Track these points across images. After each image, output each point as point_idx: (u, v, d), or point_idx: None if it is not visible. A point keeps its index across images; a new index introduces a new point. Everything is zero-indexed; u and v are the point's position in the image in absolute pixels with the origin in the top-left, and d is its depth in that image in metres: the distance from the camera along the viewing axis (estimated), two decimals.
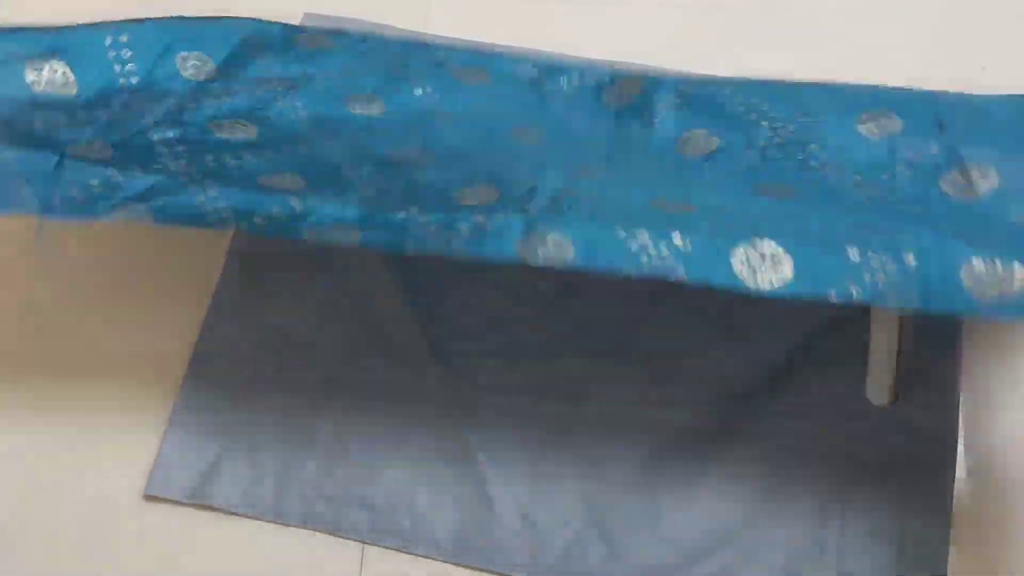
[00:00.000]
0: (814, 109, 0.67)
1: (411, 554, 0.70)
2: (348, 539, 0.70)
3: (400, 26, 0.86)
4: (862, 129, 0.66)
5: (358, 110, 0.69)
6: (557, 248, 0.58)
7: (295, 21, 0.86)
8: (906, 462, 0.70)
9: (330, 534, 0.70)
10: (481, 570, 0.69)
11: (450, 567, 0.69)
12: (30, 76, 0.66)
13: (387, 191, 0.63)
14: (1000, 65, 0.82)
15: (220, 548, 0.70)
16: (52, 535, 0.70)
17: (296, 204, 0.61)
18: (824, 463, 0.70)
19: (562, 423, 0.73)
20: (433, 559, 0.69)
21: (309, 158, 0.66)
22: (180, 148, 0.65)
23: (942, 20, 0.84)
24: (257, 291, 0.78)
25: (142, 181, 0.62)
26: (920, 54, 0.83)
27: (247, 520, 0.70)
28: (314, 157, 0.66)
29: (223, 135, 0.67)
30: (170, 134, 0.66)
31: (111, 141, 0.65)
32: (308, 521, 0.70)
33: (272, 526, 0.70)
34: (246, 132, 0.67)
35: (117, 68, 0.67)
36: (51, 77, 0.66)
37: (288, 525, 0.70)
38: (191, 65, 0.68)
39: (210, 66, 0.68)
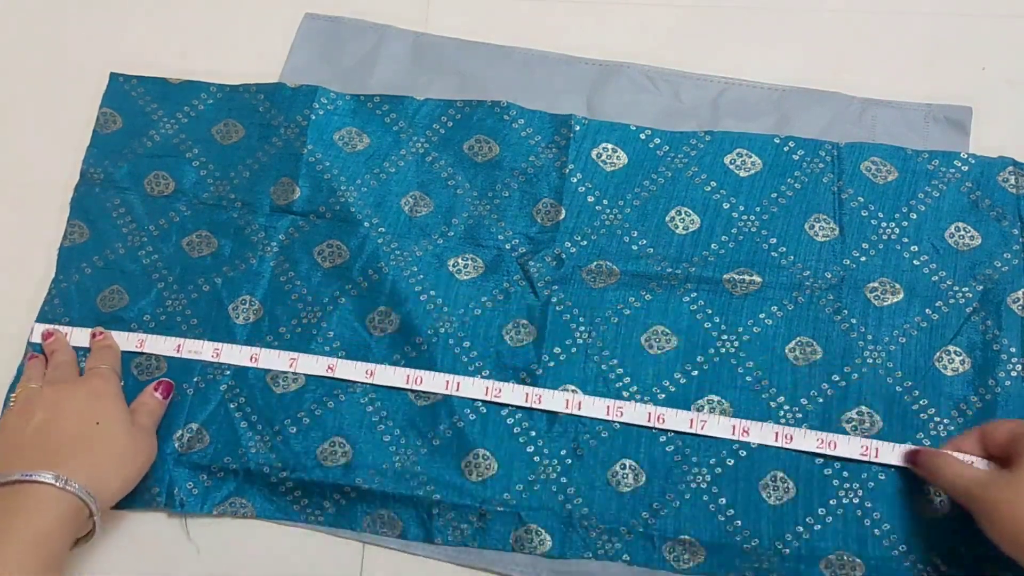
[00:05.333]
0: None
1: (411, 554, 0.70)
2: (348, 539, 0.70)
3: (400, 26, 0.85)
4: None
5: None
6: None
7: (295, 21, 0.86)
8: None
9: (330, 534, 0.70)
10: (481, 570, 0.69)
11: (450, 567, 0.69)
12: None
13: None
14: (1000, 65, 0.82)
15: (219, 548, 0.70)
16: None
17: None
18: None
19: None
20: (433, 559, 0.69)
21: None
22: None
23: (942, 19, 0.84)
24: None
25: None
26: (920, 54, 0.83)
27: (246, 520, 0.70)
28: None
29: None
30: None
31: None
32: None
33: (272, 526, 0.70)
34: None
35: None
36: None
37: (290, 525, 0.71)
38: None
39: None
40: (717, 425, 0.70)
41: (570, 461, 0.70)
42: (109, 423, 0.66)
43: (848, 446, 0.69)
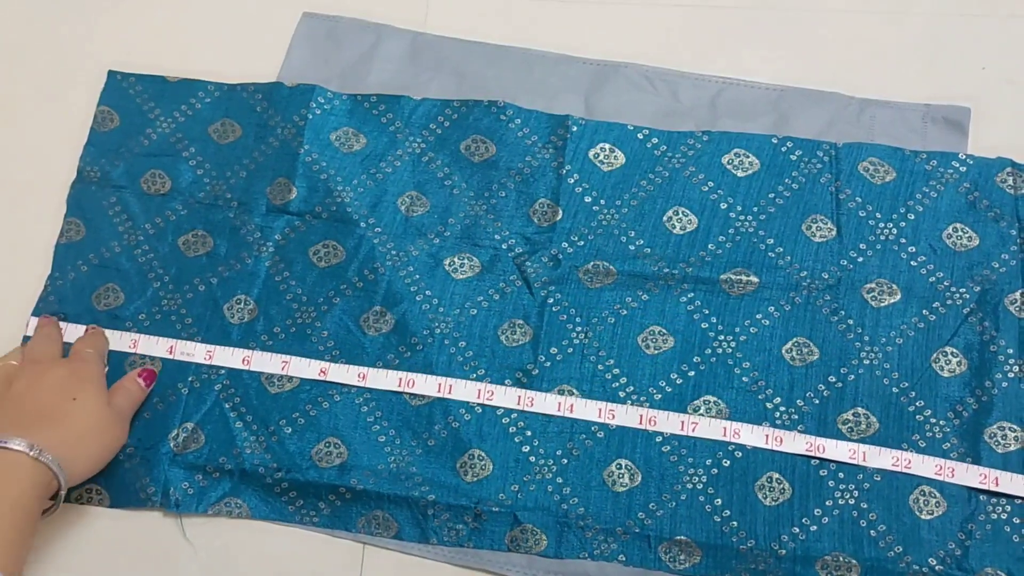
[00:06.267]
0: None
1: (411, 554, 0.70)
2: (348, 539, 0.70)
3: (399, 26, 0.85)
4: None
5: None
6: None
7: (293, 20, 0.86)
8: None
9: (330, 535, 0.70)
10: (477, 570, 0.69)
11: (448, 568, 0.69)
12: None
13: None
14: (1000, 65, 0.82)
15: (217, 548, 0.70)
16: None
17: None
18: None
19: None
20: (433, 560, 0.69)
21: None
22: None
23: (942, 19, 0.84)
24: None
25: None
26: (920, 54, 0.83)
27: (246, 520, 0.70)
28: None
29: None
30: None
31: None
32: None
33: (271, 526, 0.70)
34: None
35: None
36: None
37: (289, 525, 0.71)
38: None
39: None
40: (708, 427, 0.70)
41: (566, 461, 0.70)
42: (85, 401, 0.66)
43: (836, 451, 0.69)
